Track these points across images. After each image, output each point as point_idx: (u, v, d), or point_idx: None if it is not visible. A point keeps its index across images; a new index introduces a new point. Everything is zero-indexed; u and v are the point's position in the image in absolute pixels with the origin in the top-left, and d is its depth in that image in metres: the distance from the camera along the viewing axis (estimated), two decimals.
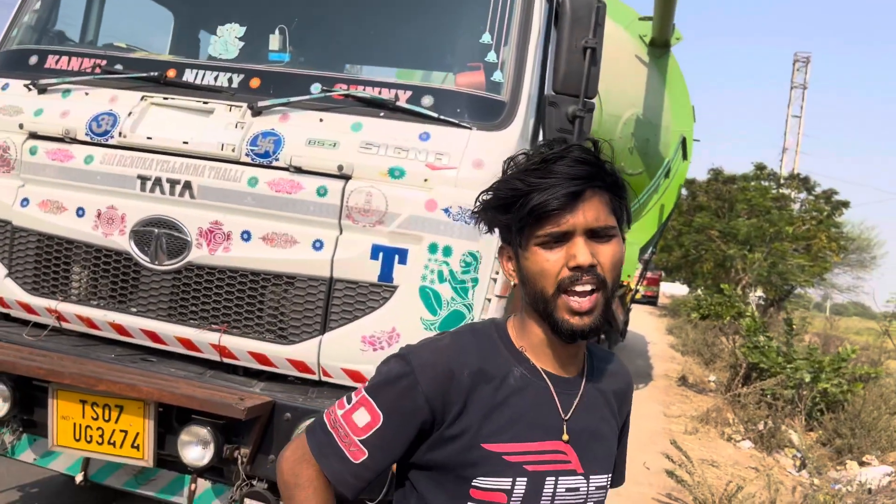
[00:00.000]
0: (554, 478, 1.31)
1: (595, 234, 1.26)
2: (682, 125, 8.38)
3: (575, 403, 1.34)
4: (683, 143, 8.16)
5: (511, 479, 1.27)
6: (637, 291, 11.18)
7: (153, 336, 3.03)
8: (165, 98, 3.14)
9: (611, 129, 7.82)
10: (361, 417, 1.29)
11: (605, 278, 1.26)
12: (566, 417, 1.32)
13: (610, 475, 1.41)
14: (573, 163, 1.24)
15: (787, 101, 37.98)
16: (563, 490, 1.32)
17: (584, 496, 1.35)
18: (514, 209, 1.25)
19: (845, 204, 22.85)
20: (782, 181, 24.16)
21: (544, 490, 1.30)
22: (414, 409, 1.27)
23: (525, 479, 1.28)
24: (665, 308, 29.17)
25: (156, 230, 2.98)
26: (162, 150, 3.02)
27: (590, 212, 1.24)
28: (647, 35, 8.11)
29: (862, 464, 8.03)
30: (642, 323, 21.01)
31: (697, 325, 16.46)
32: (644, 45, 8.18)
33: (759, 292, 22.62)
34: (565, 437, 1.31)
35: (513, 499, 1.28)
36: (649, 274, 29.19)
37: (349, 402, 1.32)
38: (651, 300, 31.01)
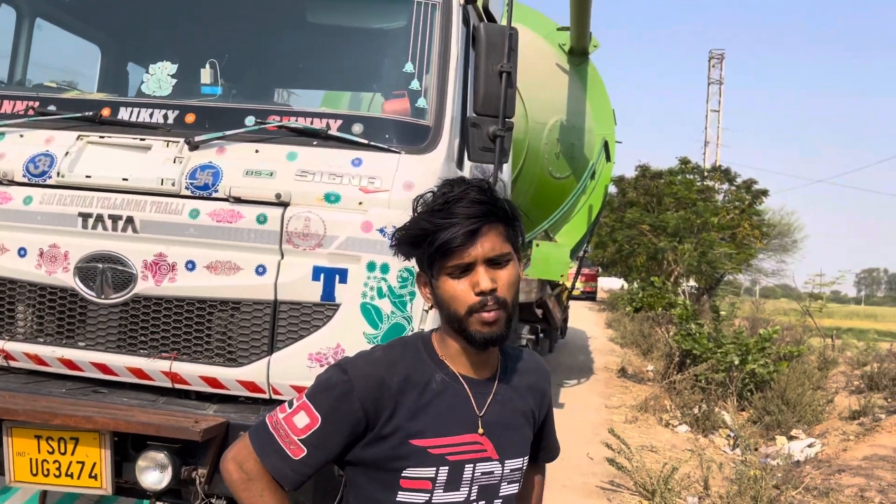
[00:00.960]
0: (472, 465, 1.54)
1: (493, 262, 1.50)
2: (604, 128, 8.77)
3: (488, 401, 1.59)
4: (606, 145, 8.54)
5: (435, 469, 1.51)
6: (574, 289, 11.56)
7: (103, 368, 3.12)
8: (102, 136, 3.24)
9: (537, 135, 8.16)
10: (301, 419, 1.50)
11: (505, 298, 1.51)
12: (480, 413, 1.56)
13: (525, 457, 1.66)
14: (470, 203, 1.48)
15: (705, 96, 39.48)
16: (480, 474, 1.55)
17: (500, 477, 1.59)
18: (423, 245, 1.50)
19: (765, 192, 23.97)
20: (706, 174, 25.16)
21: (464, 475, 1.53)
22: (350, 412, 1.49)
23: (447, 467, 1.52)
24: (604, 303, 29.98)
25: (100, 265, 3.08)
26: (102, 188, 3.11)
27: (487, 244, 1.49)
28: (566, 44, 8.47)
29: (790, 438, 8.55)
30: (583, 319, 21.60)
31: (634, 317, 17.05)
32: (564, 54, 8.54)
33: (692, 282, 23.49)
34: (480, 430, 1.55)
35: (437, 484, 1.51)
36: (587, 270, 29.90)
37: (290, 407, 1.54)
38: (590, 296, 31.72)
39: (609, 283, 36.92)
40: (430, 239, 1.48)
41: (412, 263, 1.60)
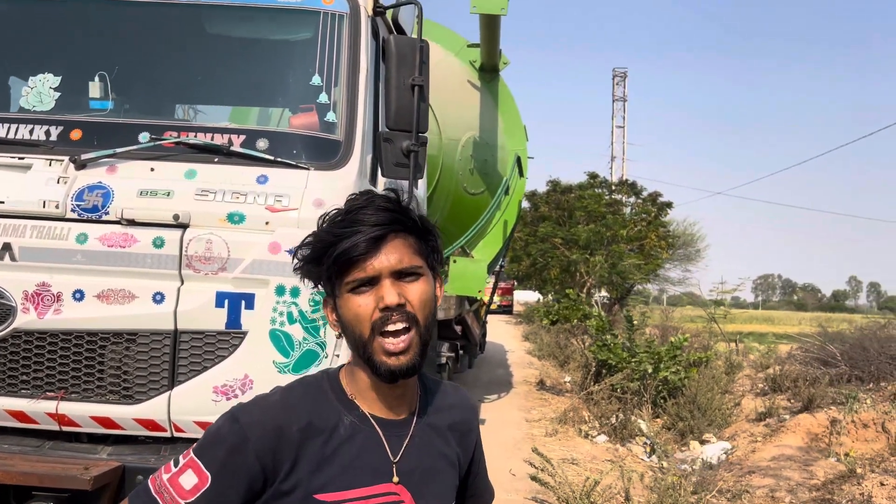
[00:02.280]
0: None
1: (402, 275, 1.32)
2: (517, 144, 8.83)
3: (405, 444, 1.38)
4: (519, 161, 8.60)
5: None
6: (491, 304, 11.59)
7: None
8: None
9: (451, 152, 8.12)
10: (188, 480, 1.29)
11: (416, 315, 1.32)
12: (395, 460, 1.36)
13: None
14: (375, 210, 1.31)
15: (610, 113, 40.90)
16: None
17: None
18: (324, 260, 1.31)
19: (669, 205, 24.97)
20: (613, 188, 25.98)
21: None
22: (244, 467, 1.28)
23: None
24: (520, 315, 30.34)
25: None
26: None
27: (393, 255, 1.31)
28: (477, 61, 8.50)
29: (702, 442, 8.78)
30: (500, 332, 21.73)
31: (550, 329, 17.29)
32: (475, 71, 8.57)
33: (604, 292, 24.12)
34: (395, 479, 1.35)
35: None
36: (503, 284, 30.30)
37: (176, 466, 1.32)
38: (507, 309, 32.14)
39: (525, 296, 37.51)
40: (329, 251, 1.30)
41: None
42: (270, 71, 3.39)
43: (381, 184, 3.49)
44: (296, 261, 1.38)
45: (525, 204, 24.93)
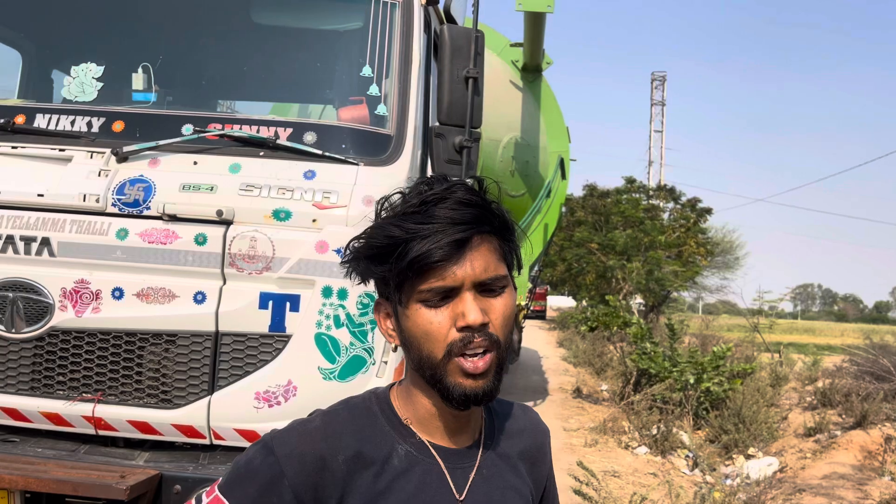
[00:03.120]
0: None
1: (485, 287, 1.11)
2: (559, 146, 8.64)
3: (471, 478, 1.18)
4: (561, 163, 8.40)
5: None
6: (528, 308, 11.38)
7: (13, 413, 2.70)
8: (14, 147, 2.83)
9: (491, 153, 7.95)
10: None
11: (498, 337, 1.12)
12: (461, 497, 1.15)
13: None
14: (457, 205, 1.09)
15: (648, 117, 40.31)
16: None
17: None
18: (391, 260, 1.09)
19: (708, 210, 24.44)
20: (651, 193, 25.54)
21: None
22: None
23: None
24: (553, 321, 30.01)
25: (10, 294, 2.66)
26: (13, 205, 2.71)
27: (478, 262, 1.10)
28: (520, 61, 8.33)
29: (747, 457, 8.46)
30: (534, 338, 21.47)
31: (586, 336, 16.99)
32: (517, 71, 8.40)
33: (639, 299, 23.70)
34: None
35: None
36: (537, 289, 30.02)
37: None
38: (540, 314, 31.85)
39: (558, 302, 37.14)
40: (400, 251, 1.07)
41: (374, 287, 1.19)
42: (319, 62, 3.24)
43: None
44: (348, 253, 1.15)
45: (562, 209, 24.67)
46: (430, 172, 3.14)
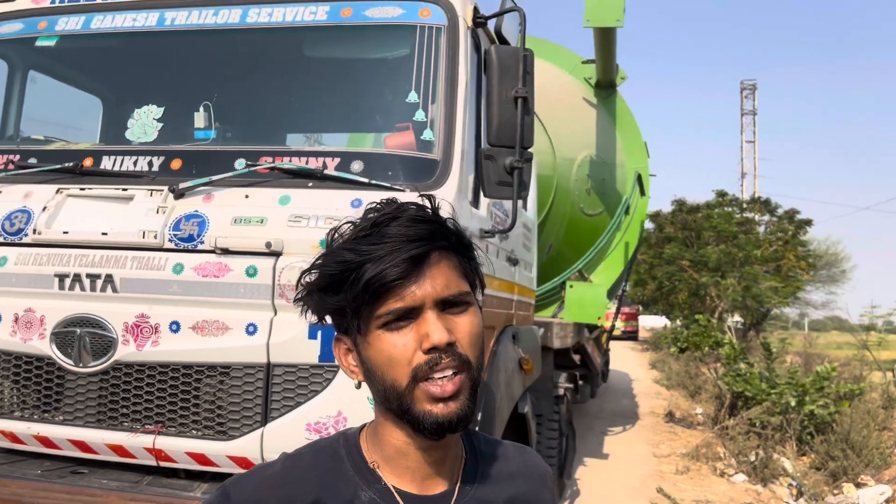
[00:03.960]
0: None
1: (448, 305, 1.04)
2: (637, 162, 8.39)
3: None
4: (639, 179, 8.15)
5: None
6: (613, 329, 11.04)
7: (82, 446, 2.79)
8: (82, 189, 2.97)
9: (565, 172, 7.81)
10: None
11: (467, 356, 1.04)
12: None
13: None
14: (410, 222, 1.03)
15: (739, 127, 38.85)
16: None
17: None
18: (345, 287, 1.02)
19: (808, 222, 23.14)
20: (745, 205, 24.47)
21: None
22: None
23: None
24: (646, 342, 29.08)
25: (78, 330, 2.78)
26: (80, 244, 2.83)
27: (438, 279, 1.03)
28: (593, 77, 8.18)
29: (858, 485, 7.84)
30: (625, 360, 20.84)
31: (679, 357, 16.34)
32: (590, 88, 8.25)
33: (737, 317, 22.66)
34: None
35: None
36: (627, 309, 29.13)
37: None
38: (632, 335, 30.91)
39: (651, 322, 36.02)
40: (354, 276, 1.01)
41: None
42: (369, 90, 3.26)
43: (484, 204, 3.26)
44: (301, 286, 1.09)
45: (649, 225, 23.96)
46: (481, 195, 3.08)
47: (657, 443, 9.70)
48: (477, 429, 3.13)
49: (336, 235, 1.08)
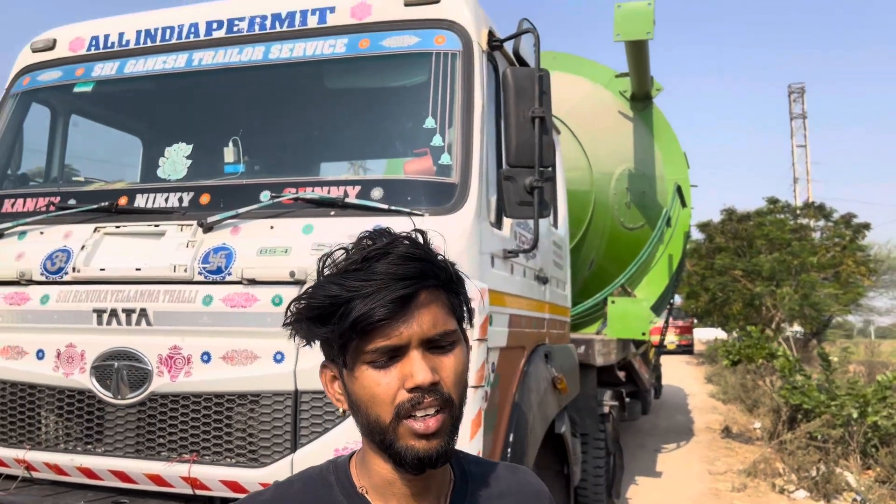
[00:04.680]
0: None
1: (433, 345, 1.06)
2: (676, 173, 8.28)
3: None
4: (679, 190, 8.03)
5: None
6: (663, 344, 10.82)
7: (122, 476, 2.88)
8: (118, 227, 3.09)
9: (603, 187, 7.75)
10: None
11: (450, 395, 1.06)
12: None
13: None
14: (400, 260, 1.04)
15: (788, 132, 37.90)
16: None
17: None
18: (333, 321, 1.04)
19: (866, 226, 22.30)
20: (798, 211, 23.76)
21: None
22: None
23: None
24: (702, 355, 28.38)
25: (115, 363, 2.87)
26: (116, 280, 2.94)
27: (425, 318, 1.05)
28: (627, 90, 8.13)
29: None
30: (679, 374, 20.38)
31: (735, 370, 15.90)
32: (626, 101, 8.21)
33: (797, 327, 21.95)
34: None
35: None
36: (681, 322, 28.50)
37: None
38: (686, 349, 30.22)
39: (706, 334, 35.15)
40: (342, 311, 1.03)
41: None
42: (387, 118, 3.32)
43: (507, 225, 3.27)
44: (289, 315, 1.11)
45: (699, 235, 23.50)
46: (503, 215, 3.09)
47: (713, 459, 9.43)
48: (509, 450, 3.12)
49: (328, 261, 1.10)
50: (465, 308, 1.13)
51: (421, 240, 1.11)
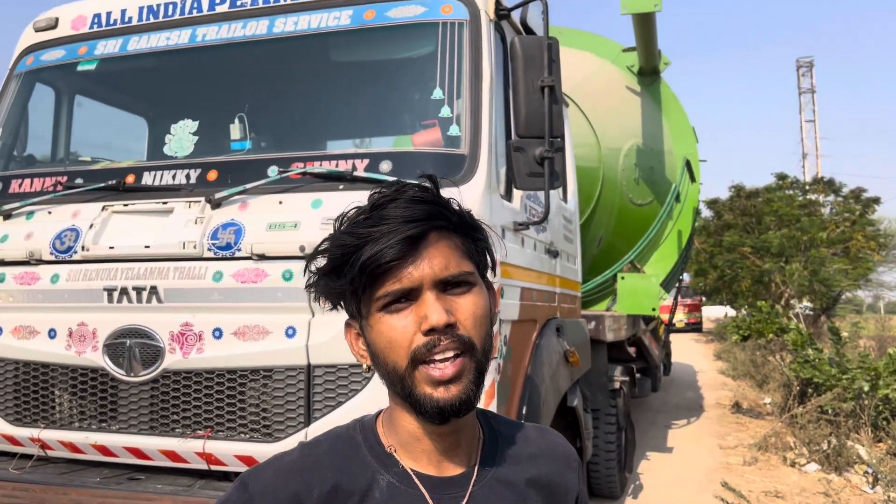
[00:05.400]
0: None
1: (449, 286, 1.03)
2: (685, 148, 8.21)
3: None
4: (688, 165, 7.96)
5: None
6: (674, 321, 10.79)
7: (137, 453, 2.89)
8: (126, 205, 3.08)
9: (612, 163, 7.69)
10: None
11: (470, 338, 1.02)
12: None
13: None
14: (408, 203, 1.02)
15: (797, 107, 37.53)
16: None
17: None
18: (346, 270, 1.02)
19: (876, 200, 22.11)
20: (807, 187, 23.57)
21: None
22: None
23: None
24: (711, 333, 28.37)
25: (128, 341, 2.87)
26: (125, 258, 2.93)
27: (437, 259, 1.02)
28: (635, 65, 8.04)
29: None
30: (689, 351, 20.37)
31: (745, 346, 15.88)
32: (633, 76, 8.12)
33: (806, 303, 21.87)
34: None
35: None
36: (689, 300, 28.44)
37: None
38: (696, 327, 30.19)
39: (715, 312, 35.09)
40: (353, 259, 1.01)
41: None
42: (395, 90, 3.28)
43: (517, 197, 3.24)
44: (308, 275, 1.10)
45: (707, 213, 23.36)
46: (513, 187, 3.06)
47: (723, 434, 9.44)
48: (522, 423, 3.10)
49: (343, 219, 1.09)
50: (485, 254, 1.11)
51: (431, 186, 1.09)
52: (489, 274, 1.12)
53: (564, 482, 1.19)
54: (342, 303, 1.10)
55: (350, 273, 1.01)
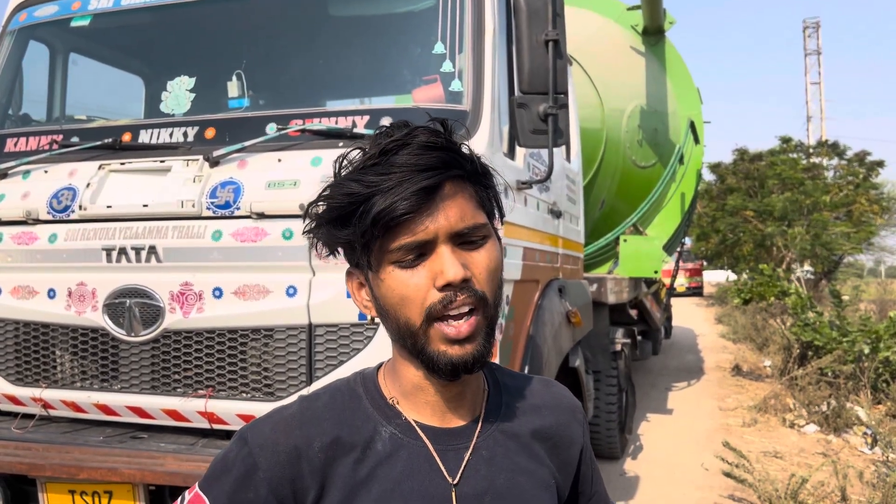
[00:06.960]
0: None
1: (463, 239, 0.99)
2: (689, 109, 8.10)
3: (466, 459, 1.04)
4: (692, 127, 7.86)
5: None
6: (675, 285, 10.79)
7: (139, 412, 2.89)
8: (123, 163, 3.03)
9: (615, 124, 7.60)
10: None
11: (484, 293, 0.99)
12: (454, 481, 1.02)
13: None
14: (420, 150, 0.96)
15: (803, 69, 37.10)
16: None
17: None
18: (353, 220, 0.97)
19: (880, 164, 22.00)
20: (811, 150, 23.41)
21: None
22: (256, 502, 1.00)
23: None
24: (712, 297, 28.44)
25: (127, 301, 2.85)
26: (123, 218, 2.90)
27: (452, 210, 0.97)
28: (639, 24, 7.90)
29: None
30: (690, 315, 20.44)
31: (745, 310, 15.92)
32: (637, 35, 7.98)
33: (807, 266, 21.88)
34: None
35: None
36: (691, 265, 28.46)
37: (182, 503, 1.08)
38: (697, 291, 30.26)
39: (716, 277, 35.15)
40: (362, 209, 0.95)
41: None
42: (395, 46, 3.21)
43: (521, 155, 3.19)
44: (307, 221, 1.04)
45: (710, 176, 23.25)
46: (516, 144, 3.01)
47: (723, 396, 9.50)
48: (527, 374, 3.09)
49: (345, 163, 1.03)
50: (494, 202, 1.07)
51: (443, 130, 1.02)
52: (496, 223, 1.08)
53: (569, 434, 1.17)
54: (342, 251, 1.06)
55: (360, 225, 0.96)
